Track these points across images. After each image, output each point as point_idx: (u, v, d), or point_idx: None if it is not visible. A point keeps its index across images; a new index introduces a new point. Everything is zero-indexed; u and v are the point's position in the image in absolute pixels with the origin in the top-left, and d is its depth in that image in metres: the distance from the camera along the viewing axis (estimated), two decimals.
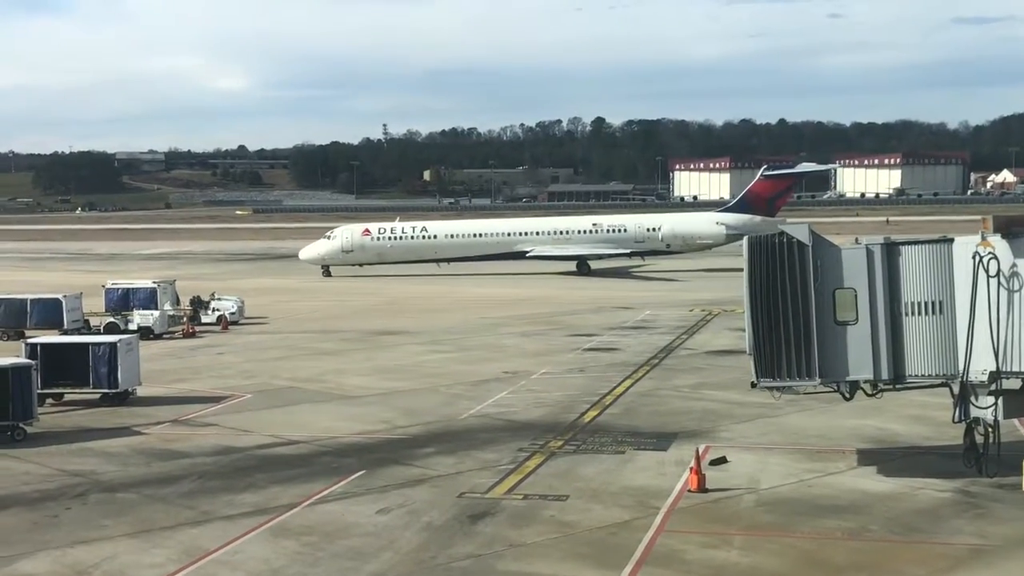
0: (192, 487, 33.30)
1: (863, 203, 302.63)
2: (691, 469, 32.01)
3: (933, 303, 30.97)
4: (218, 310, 74.53)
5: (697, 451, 33.71)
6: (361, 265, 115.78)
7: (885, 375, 31.34)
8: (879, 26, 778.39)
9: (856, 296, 31.24)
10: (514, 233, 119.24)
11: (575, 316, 75.88)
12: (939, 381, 31.81)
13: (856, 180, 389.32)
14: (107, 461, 36.74)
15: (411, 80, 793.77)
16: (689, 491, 31.25)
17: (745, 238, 32.41)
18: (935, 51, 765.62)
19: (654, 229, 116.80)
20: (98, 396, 46.27)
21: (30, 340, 48.11)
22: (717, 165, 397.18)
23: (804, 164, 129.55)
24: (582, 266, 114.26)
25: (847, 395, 32.93)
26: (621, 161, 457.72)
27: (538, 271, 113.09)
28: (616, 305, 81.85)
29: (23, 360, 42.36)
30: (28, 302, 68.42)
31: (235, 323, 74.10)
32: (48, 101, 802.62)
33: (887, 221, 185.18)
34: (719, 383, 48.49)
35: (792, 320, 31.11)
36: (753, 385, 32.67)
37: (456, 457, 36.21)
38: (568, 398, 45.93)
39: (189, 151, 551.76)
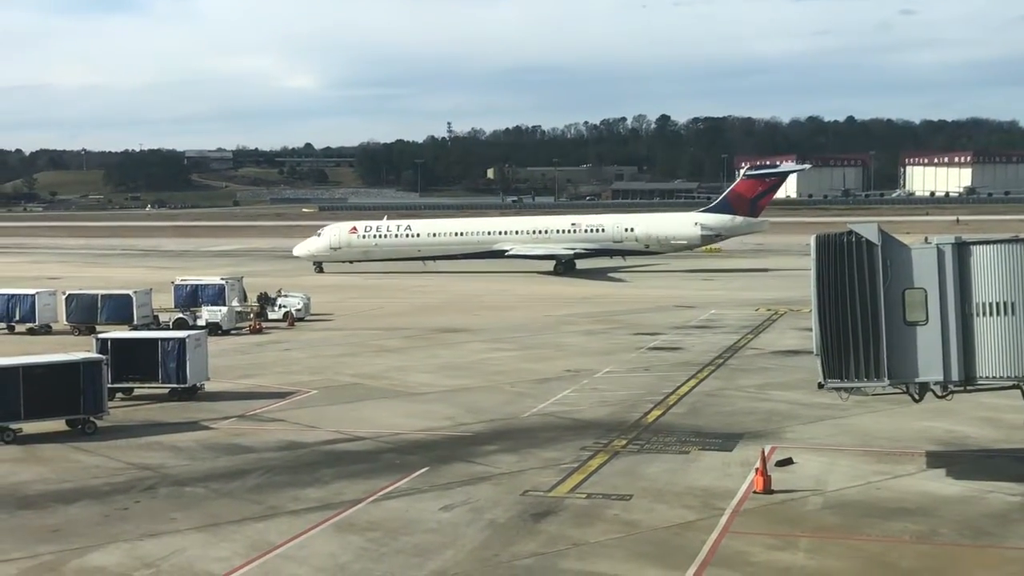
0: (259, 482, 33.65)
1: (933, 202, 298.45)
2: (757, 470, 31.77)
3: (1005, 304, 30.43)
4: (285, 307, 75.27)
5: (763, 452, 33.44)
6: (352, 262, 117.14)
7: (955, 376, 30.86)
8: (951, 22, 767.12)
9: (926, 296, 30.79)
10: (494, 232, 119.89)
11: (638, 315, 75.61)
12: (1011, 383, 31.28)
13: (926, 178, 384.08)
14: (175, 455, 37.26)
15: (476, 79, 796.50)
16: (754, 492, 31.01)
17: (813, 237, 32.05)
18: (1008, 47, 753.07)
19: (630, 229, 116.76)
20: (167, 391, 46.93)
21: (101, 335, 48.90)
22: (783, 163, 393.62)
23: (786, 164, 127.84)
24: (559, 265, 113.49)
25: (916, 397, 32.49)
26: (686, 159, 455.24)
27: (519, 270, 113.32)
28: (680, 304, 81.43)
29: (94, 355, 43.12)
30: (99, 298, 69.70)
31: (301, 320, 74.80)
32: (120, 100, 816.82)
33: (957, 220, 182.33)
34: (785, 383, 48.05)
35: (860, 320, 30.73)
36: (820, 386, 32.30)
37: (519, 455, 36.24)
38: (632, 397, 45.77)
39: (256, 149, 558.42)
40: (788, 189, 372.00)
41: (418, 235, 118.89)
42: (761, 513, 29.44)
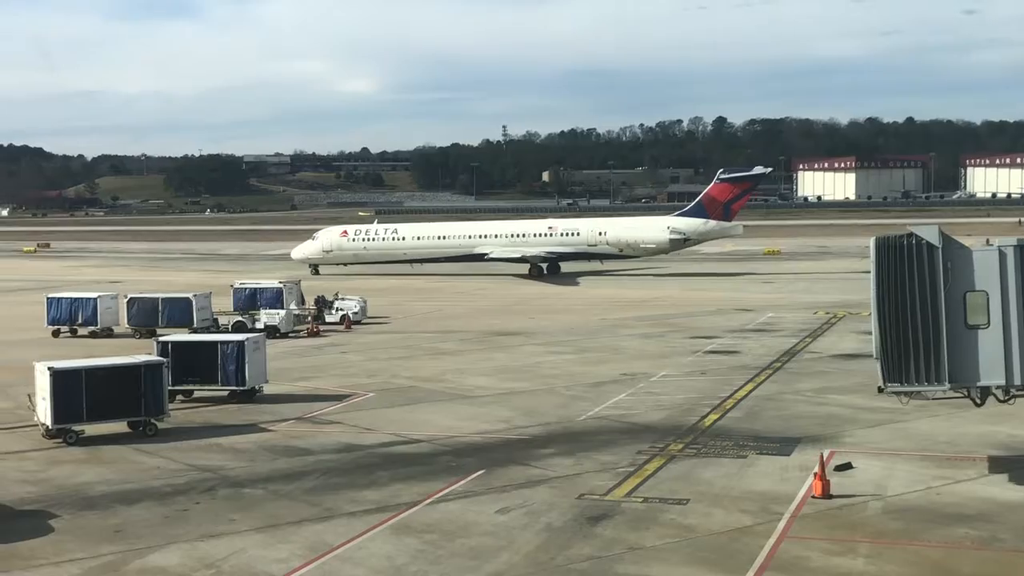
0: (316, 484, 33.92)
1: (994, 203, 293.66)
2: (815, 475, 31.51)
3: None
4: (342, 310, 75.84)
5: (822, 456, 33.12)
6: (346, 264, 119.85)
7: (1018, 380, 30.41)
8: (1014, 22, 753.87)
9: (988, 299, 30.37)
10: (474, 236, 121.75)
11: (695, 318, 75.23)
12: None
13: (987, 180, 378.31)
14: (235, 457, 37.64)
15: (532, 82, 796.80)
16: (813, 497, 30.77)
17: (873, 239, 31.72)
18: None
19: (603, 233, 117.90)
20: (226, 393, 47.42)
21: (162, 338, 49.49)
22: (842, 165, 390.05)
23: (759, 167, 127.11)
24: (533, 268, 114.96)
25: (978, 401, 32.08)
26: (743, 161, 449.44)
27: (501, 272, 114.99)
28: (737, 307, 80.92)
29: (155, 358, 43.67)
30: (160, 301, 70.62)
31: (358, 322, 75.27)
32: (179, 105, 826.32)
33: (1020, 222, 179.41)
34: (844, 387, 47.58)
35: (921, 323, 30.38)
36: (880, 390, 31.96)
37: (575, 458, 36.21)
38: (688, 401, 45.57)
39: (314, 154, 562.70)
40: (847, 191, 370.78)
41: (404, 238, 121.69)
42: (820, 518, 29.20)
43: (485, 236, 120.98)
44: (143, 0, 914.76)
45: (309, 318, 73.88)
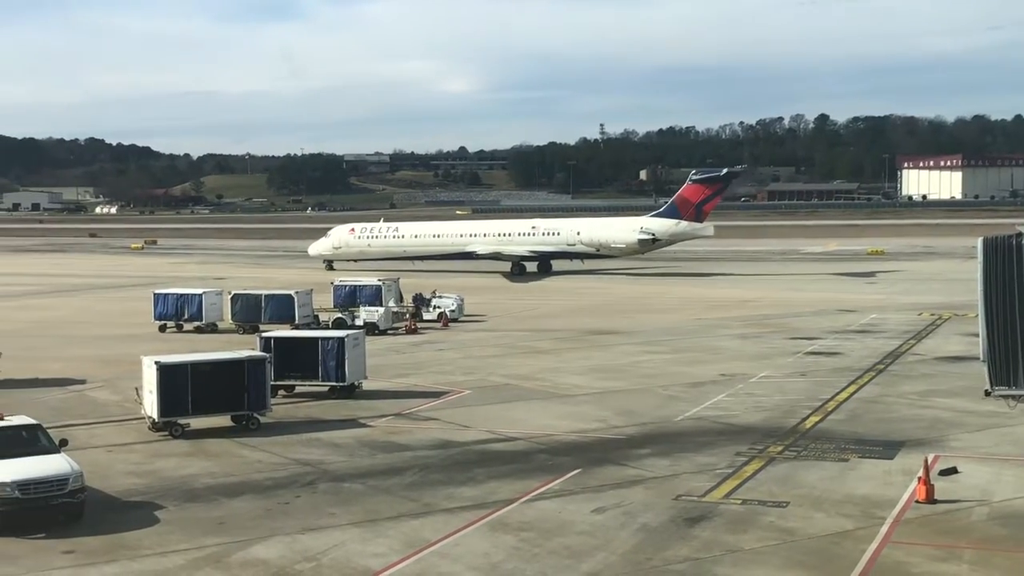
0: (414, 479, 34.21)
1: None
2: (919, 479, 30.90)
3: None
4: (439, 307, 76.38)
5: (926, 461, 32.44)
6: (356, 260, 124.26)
7: None
8: None
9: None
10: (465, 235, 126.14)
11: (795, 319, 74.24)
12: None
13: None
14: (334, 452, 38.13)
15: (630, 80, 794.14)
16: (917, 502, 30.17)
17: (980, 239, 30.96)
18: None
19: (579, 233, 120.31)
20: (327, 389, 48.04)
21: (264, 334, 50.33)
22: (948, 163, 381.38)
23: (726, 169, 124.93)
24: (515, 267, 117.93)
25: None
26: (845, 159, 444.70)
27: (490, 269, 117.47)
28: (838, 308, 79.65)
29: (258, 353, 44.42)
30: (263, 298, 71.87)
31: (455, 320, 75.74)
32: (283, 105, 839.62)
33: None
34: (950, 390, 46.57)
35: None
36: (987, 393, 31.18)
37: (672, 459, 35.98)
38: (788, 403, 44.98)
39: (412, 153, 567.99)
40: (953, 190, 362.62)
41: (403, 237, 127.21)
42: (923, 523, 28.62)
43: (474, 235, 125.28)
44: (250, 2, 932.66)
45: (407, 315, 74.56)
